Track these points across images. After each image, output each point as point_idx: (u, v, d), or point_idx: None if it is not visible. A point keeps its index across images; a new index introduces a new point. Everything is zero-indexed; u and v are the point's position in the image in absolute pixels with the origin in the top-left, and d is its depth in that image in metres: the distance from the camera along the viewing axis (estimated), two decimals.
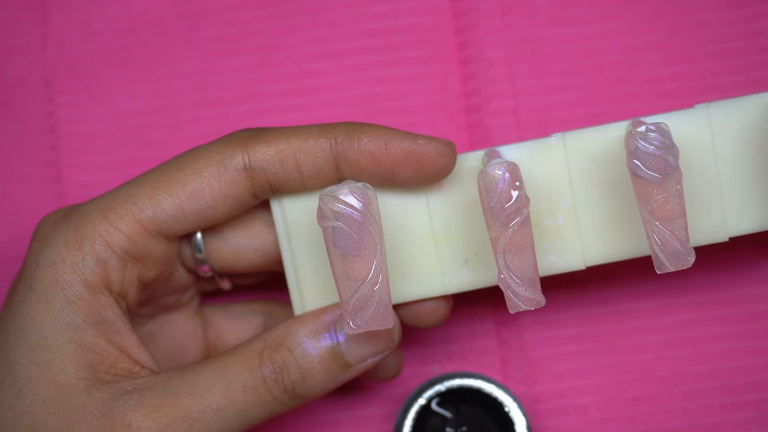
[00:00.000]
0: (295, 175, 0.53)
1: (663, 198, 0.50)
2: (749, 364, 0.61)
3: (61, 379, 0.51)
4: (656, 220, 0.50)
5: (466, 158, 0.54)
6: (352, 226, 0.50)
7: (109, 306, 0.52)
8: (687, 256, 0.50)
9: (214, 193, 0.53)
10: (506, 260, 0.50)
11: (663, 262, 0.50)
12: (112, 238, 0.52)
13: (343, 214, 0.50)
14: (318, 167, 0.53)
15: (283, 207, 0.54)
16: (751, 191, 0.54)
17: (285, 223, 0.55)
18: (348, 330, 0.50)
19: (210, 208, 0.53)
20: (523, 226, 0.50)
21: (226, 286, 0.59)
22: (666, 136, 0.50)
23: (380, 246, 0.50)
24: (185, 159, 0.53)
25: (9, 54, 0.65)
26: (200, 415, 0.51)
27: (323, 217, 0.50)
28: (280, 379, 0.52)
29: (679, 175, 0.50)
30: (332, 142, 0.53)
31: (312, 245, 0.55)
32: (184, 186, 0.53)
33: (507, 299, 0.50)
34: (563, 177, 0.54)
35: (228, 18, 0.64)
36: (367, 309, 0.50)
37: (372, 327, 0.50)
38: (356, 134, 0.53)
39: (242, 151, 0.53)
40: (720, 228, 0.54)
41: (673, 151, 0.50)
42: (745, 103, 0.54)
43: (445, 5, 0.64)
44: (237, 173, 0.53)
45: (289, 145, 0.53)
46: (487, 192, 0.50)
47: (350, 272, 0.50)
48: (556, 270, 0.54)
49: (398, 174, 0.53)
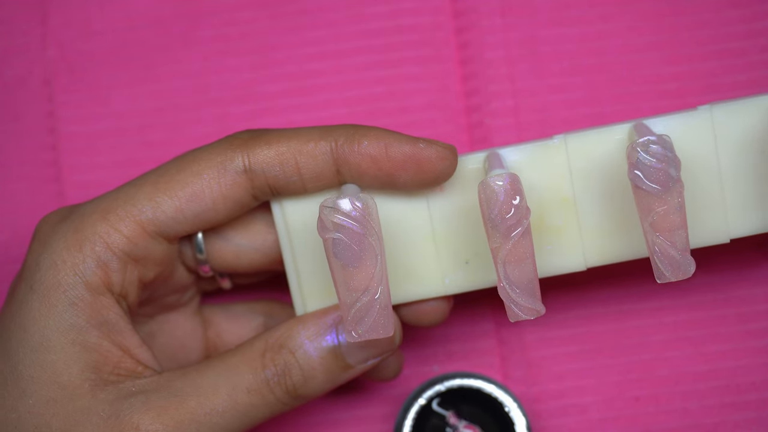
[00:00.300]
0: (296, 177, 0.53)
1: (664, 210, 0.50)
2: (749, 364, 0.61)
3: (66, 380, 0.51)
4: (657, 232, 0.50)
5: (467, 160, 0.54)
6: (352, 238, 0.50)
7: (110, 307, 0.52)
8: (687, 267, 0.50)
9: (214, 195, 0.53)
10: (506, 271, 0.50)
11: (663, 272, 0.50)
12: (112, 240, 0.52)
13: (344, 226, 0.50)
14: (318, 170, 0.53)
15: (283, 209, 0.54)
16: (753, 193, 0.54)
17: (286, 225, 0.55)
18: (350, 338, 0.50)
19: (210, 210, 0.53)
20: (523, 237, 0.50)
21: (226, 286, 0.59)
22: (668, 148, 0.50)
23: (381, 257, 0.50)
24: (185, 160, 0.53)
25: (9, 54, 0.65)
26: (206, 417, 0.51)
27: (324, 229, 0.50)
28: (282, 381, 0.52)
29: (681, 187, 0.50)
30: (333, 145, 0.53)
31: (313, 247, 0.55)
32: (184, 188, 0.53)
33: (507, 308, 0.50)
34: (565, 178, 0.54)
35: (228, 18, 0.64)
36: (368, 318, 0.50)
37: (373, 335, 0.50)
38: (357, 137, 0.52)
39: (242, 153, 0.53)
40: (721, 229, 0.54)
41: (675, 164, 0.50)
42: (748, 104, 0.54)
43: (445, 5, 0.64)
44: (237, 175, 0.53)
45: (290, 148, 0.53)
46: (488, 203, 0.50)
47: (351, 282, 0.50)
48: (557, 271, 0.54)
49: (399, 177, 0.53)
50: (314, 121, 0.63)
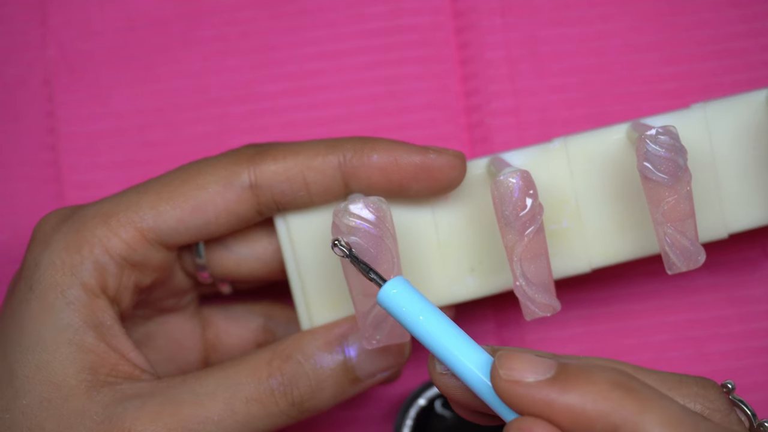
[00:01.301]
0: (303, 192, 0.53)
1: (674, 200, 0.50)
2: (749, 365, 0.61)
3: (60, 380, 0.51)
4: (668, 222, 0.50)
5: (470, 166, 0.54)
6: (368, 241, 0.49)
7: (106, 310, 0.52)
8: (698, 256, 0.51)
9: (217, 209, 0.53)
10: (522, 268, 0.50)
11: (675, 262, 0.51)
12: (111, 245, 0.52)
13: (359, 229, 0.49)
14: (327, 184, 0.53)
15: (288, 225, 0.54)
16: (749, 188, 0.54)
17: (290, 241, 0.54)
18: (367, 345, 0.50)
19: (212, 223, 0.53)
20: (537, 234, 0.49)
21: (225, 290, 0.59)
22: (675, 138, 0.50)
23: (396, 259, 0.49)
24: (190, 172, 0.53)
25: (9, 54, 0.65)
26: (200, 425, 0.51)
27: (339, 233, 0.49)
28: (289, 391, 0.52)
29: (689, 176, 0.50)
30: (341, 159, 0.52)
31: (318, 261, 0.54)
32: (188, 200, 0.53)
33: (523, 306, 0.50)
34: (566, 180, 0.54)
35: (228, 18, 0.64)
36: (385, 324, 0.50)
37: (391, 341, 0.50)
38: (365, 150, 0.52)
39: (248, 168, 0.52)
40: (719, 225, 0.54)
41: (683, 153, 0.50)
42: (741, 101, 0.54)
43: (445, 5, 0.64)
44: (242, 191, 0.53)
45: (297, 163, 0.52)
46: (502, 201, 0.50)
47: (368, 288, 0.49)
48: (562, 274, 0.55)
49: (410, 188, 0.53)
50: (314, 120, 0.63)
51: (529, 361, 0.43)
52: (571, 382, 0.42)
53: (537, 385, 0.42)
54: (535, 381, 0.42)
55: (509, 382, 0.42)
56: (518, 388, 0.42)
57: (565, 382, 0.42)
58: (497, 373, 0.43)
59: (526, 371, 0.43)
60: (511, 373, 0.43)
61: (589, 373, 0.42)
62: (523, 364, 0.43)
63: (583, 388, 0.42)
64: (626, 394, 0.42)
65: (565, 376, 0.42)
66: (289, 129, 0.63)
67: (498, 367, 0.43)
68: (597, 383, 0.42)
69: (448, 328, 0.44)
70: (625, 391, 0.42)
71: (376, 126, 0.63)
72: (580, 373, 0.42)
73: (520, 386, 0.42)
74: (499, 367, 0.43)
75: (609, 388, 0.42)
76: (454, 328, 0.44)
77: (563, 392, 0.42)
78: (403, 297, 0.45)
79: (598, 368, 0.43)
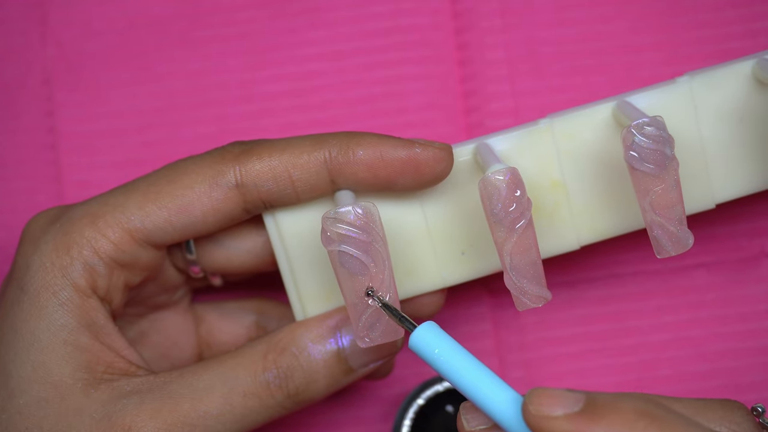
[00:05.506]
0: (289, 190, 0.53)
1: (662, 189, 0.51)
2: (749, 364, 0.61)
3: (57, 380, 0.51)
4: (656, 210, 0.51)
5: (457, 152, 0.54)
6: (359, 247, 0.49)
7: (98, 309, 0.52)
8: (687, 240, 0.51)
9: (204, 209, 0.53)
10: (513, 262, 0.50)
11: (664, 247, 0.51)
12: (99, 246, 0.52)
13: (349, 236, 0.49)
14: (313, 182, 0.52)
15: (277, 221, 0.54)
16: (735, 158, 0.55)
17: (280, 237, 0.54)
18: (362, 344, 0.50)
19: (200, 222, 0.53)
20: (527, 228, 0.50)
21: (216, 283, 0.59)
22: (662, 128, 0.50)
23: (387, 261, 0.50)
24: (176, 171, 0.53)
25: (9, 54, 0.65)
26: (200, 420, 0.51)
27: (328, 240, 0.50)
28: (284, 384, 0.52)
29: (676, 164, 0.51)
30: (326, 156, 0.52)
31: (309, 255, 0.54)
32: (174, 199, 0.52)
33: (515, 299, 0.50)
34: (552, 160, 0.54)
35: (227, 18, 0.64)
36: (379, 324, 0.50)
37: (385, 340, 0.50)
38: (351, 147, 0.52)
39: (234, 167, 0.52)
40: (706, 196, 0.55)
41: (669, 143, 0.51)
42: (725, 72, 0.55)
43: (444, 6, 0.64)
44: (229, 190, 0.53)
45: (282, 161, 0.52)
46: (490, 199, 0.50)
47: (360, 290, 0.50)
48: (552, 252, 0.55)
49: (396, 182, 0.53)
50: (314, 121, 0.63)
51: (558, 396, 0.44)
52: (599, 414, 0.43)
53: (566, 418, 0.43)
54: (564, 414, 0.43)
55: (539, 417, 0.43)
56: (548, 422, 0.43)
57: (592, 414, 0.43)
58: (528, 408, 0.44)
59: (555, 405, 0.44)
60: (541, 408, 0.44)
61: (616, 403, 0.43)
62: (552, 399, 0.44)
63: (609, 417, 0.43)
64: (651, 422, 0.43)
65: (593, 408, 0.43)
66: (288, 129, 0.63)
67: (528, 404, 0.44)
68: (623, 412, 0.43)
69: (479, 369, 0.46)
70: (651, 419, 0.43)
71: (375, 126, 0.63)
72: (608, 404, 0.43)
73: (550, 420, 0.43)
74: (530, 403, 0.44)
75: (635, 417, 0.43)
76: (483, 369, 0.46)
77: (591, 423, 0.43)
78: (435, 341, 0.47)
79: (625, 396, 0.44)
